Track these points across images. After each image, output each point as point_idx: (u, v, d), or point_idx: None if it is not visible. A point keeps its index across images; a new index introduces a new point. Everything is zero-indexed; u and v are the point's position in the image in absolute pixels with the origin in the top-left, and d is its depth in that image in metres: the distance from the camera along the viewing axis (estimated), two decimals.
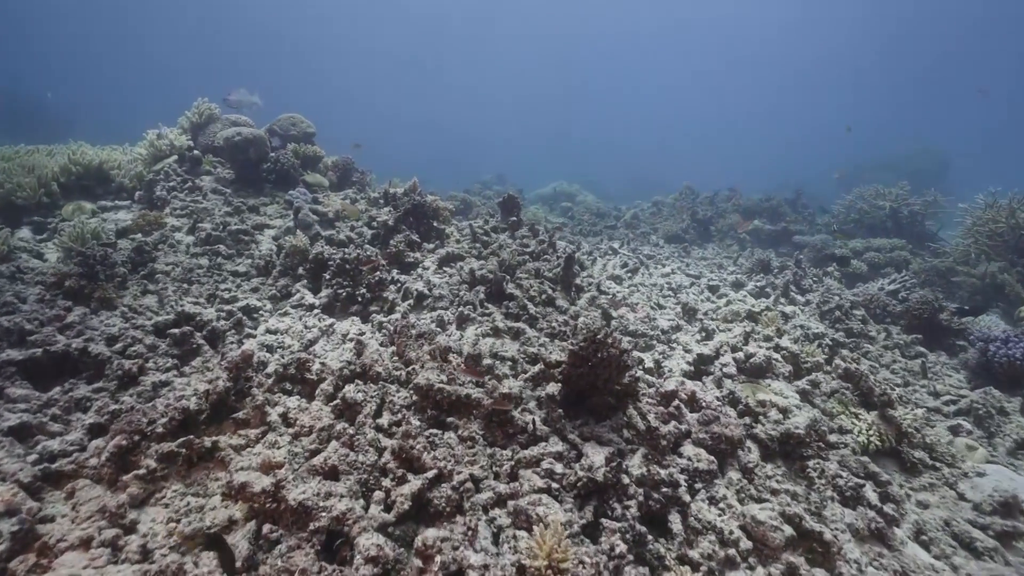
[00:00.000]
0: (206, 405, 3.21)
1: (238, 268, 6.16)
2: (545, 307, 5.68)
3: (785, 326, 6.01)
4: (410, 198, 7.50)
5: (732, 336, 5.54)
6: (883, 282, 9.54)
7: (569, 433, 3.21)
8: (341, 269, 5.45)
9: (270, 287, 5.64)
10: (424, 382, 3.37)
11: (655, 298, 6.90)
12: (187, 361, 4.02)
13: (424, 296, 5.72)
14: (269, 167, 9.06)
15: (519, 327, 5.07)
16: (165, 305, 4.89)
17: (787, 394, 4.22)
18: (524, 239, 8.42)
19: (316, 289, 5.65)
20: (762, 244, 15.24)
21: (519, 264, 6.91)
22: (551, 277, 6.53)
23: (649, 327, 5.42)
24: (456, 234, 8.37)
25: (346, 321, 5.06)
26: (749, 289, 8.00)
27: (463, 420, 3.31)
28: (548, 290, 5.88)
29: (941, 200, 14.23)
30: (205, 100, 10.08)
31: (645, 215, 18.04)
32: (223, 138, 8.90)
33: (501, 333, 5.11)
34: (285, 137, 10.50)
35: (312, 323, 4.88)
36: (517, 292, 5.62)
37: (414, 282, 6.03)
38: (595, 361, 3.19)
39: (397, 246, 6.62)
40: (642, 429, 3.30)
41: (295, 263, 5.88)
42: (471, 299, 5.51)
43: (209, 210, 7.86)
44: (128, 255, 5.98)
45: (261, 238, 7.32)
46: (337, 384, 3.51)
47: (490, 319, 5.25)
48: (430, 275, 6.36)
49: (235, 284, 5.70)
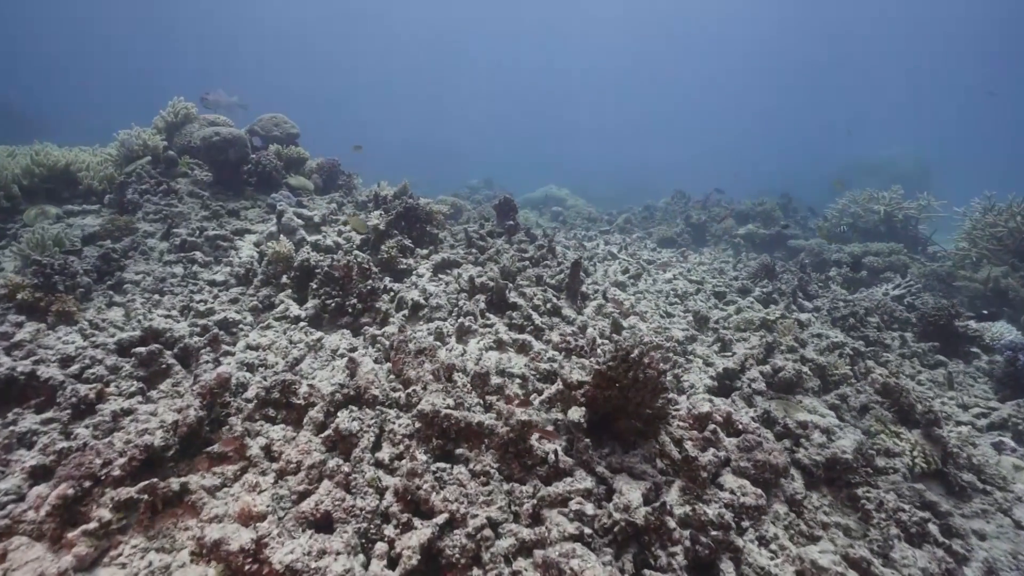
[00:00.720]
0: (174, 439, 2.74)
1: (216, 277, 5.66)
2: (551, 317, 5.29)
3: (803, 334, 5.70)
4: (402, 201, 7.07)
5: (750, 347, 5.21)
6: (887, 287, 9.34)
7: (597, 465, 2.81)
8: (329, 277, 4.99)
9: (251, 298, 5.16)
10: (428, 408, 2.94)
11: (662, 306, 6.55)
12: (155, 384, 3.53)
13: (420, 306, 5.29)
14: (250, 169, 8.55)
15: (525, 339, 4.67)
16: (132, 319, 4.37)
17: (822, 412, 3.88)
18: (522, 244, 8.03)
19: (302, 299, 5.18)
20: (756, 248, 15.08)
21: (519, 271, 6.51)
22: (555, 284, 6.15)
23: (663, 338, 5.05)
24: (450, 239, 7.95)
25: (336, 335, 4.60)
26: (756, 295, 7.71)
27: (474, 451, 2.89)
28: (553, 298, 5.49)
29: (935, 204, 14.21)
30: (181, 99, 9.54)
31: (637, 219, 17.84)
32: (200, 138, 8.37)
33: (506, 346, 4.70)
34: (267, 138, 9.99)
35: (298, 337, 4.41)
36: (520, 301, 5.22)
37: (408, 291, 5.59)
38: (626, 383, 2.80)
39: (389, 252, 6.18)
40: (677, 458, 2.92)
41: (278, 271, 5.41)
42: (471, 309, 5.09)
43: (185, 214, 7.33)
44: (93, 263, 5.45)
45: (241, 244, 6.82)
46: (328, 410, 3.06)
47: (493, 331, 4.84)
48: (425, 283, 5.93)
49: (212, 295, 5.19)
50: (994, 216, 10.35)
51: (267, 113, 10.49)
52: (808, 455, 3.24)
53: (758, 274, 8.82)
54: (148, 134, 8.55)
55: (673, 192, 19.86)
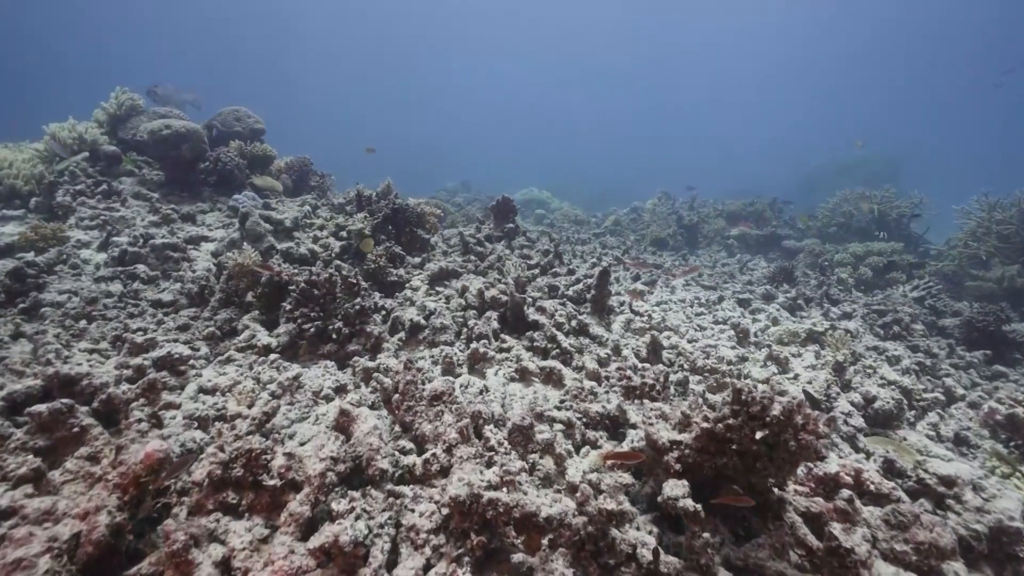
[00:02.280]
0: (71, 569, 1.74)
1: (162, 296, 4.58)
2: (578, 337, 4.41)
3: (856, 347, 4.99)
4: (389, 202, 6.10)
5: (810, 364, 4.45)
6: (904, 288, 8.84)
7: (717, 569, 1.94)
8: (307, 295, 4.00)
9: (206, 323, 4.11)
10: (464, 493, 2.02)
11: (692, 317, 5.77)
12: (61, 456, 2.49)
13: (419, 327, 4.34)
14: (208, 167, 7.42)
15: (553, 368, 3.79)
16: (40, 359, 3.29)
17: (938, 452, 3.12)
18: (524, 249, 7.16)
19: (272, 323, 4.17)
20: (750, 250, 14.63)
21: (528, 280, 5.63)
22: (573, 296, 5.28)
23: (714, 358, 4.24)
24: (442, 244, 7.01)
25: (317, 368, 3.62)
26: (780, 302, 7.02)
27: (534, 550, 1.98)
28: (576, 313, 4.62)
29: (927, 202, 14.01)
30: (125, 90, 8.32)
31: (625, 221, 17.24)
32: (148, 131, 7.20)
33: (531, 376, 3.80)
34: (228, 134, 8.84)
35: (268, 375, 3.41)
36: (541, 319, 4.33)
37: (404, 308, 4.63)
38: (753, 448, 1.95)
39: (377, 261, 5.21)
40: (817, 547, 2.08)
41: (242, 287, 4.37)
42: (484, 330, 4.17)
43: (128, 220, 6.18)
44: (1, 282, 4.31)
45: (197, 254, 5.72)
46: (316, 499, 2.11)
47: (512, 357, 3.94)
48: (422, 297, 4.98)
49: (155, 320, 4.12)
50: (1002, 213, 10.03)
51: (228, 106, 9.33)
52: (963, 522, 2.46)
53: (776, 278, 8.17)
54: (85, 127, 7.33)
55: (659, 193, 19.37)
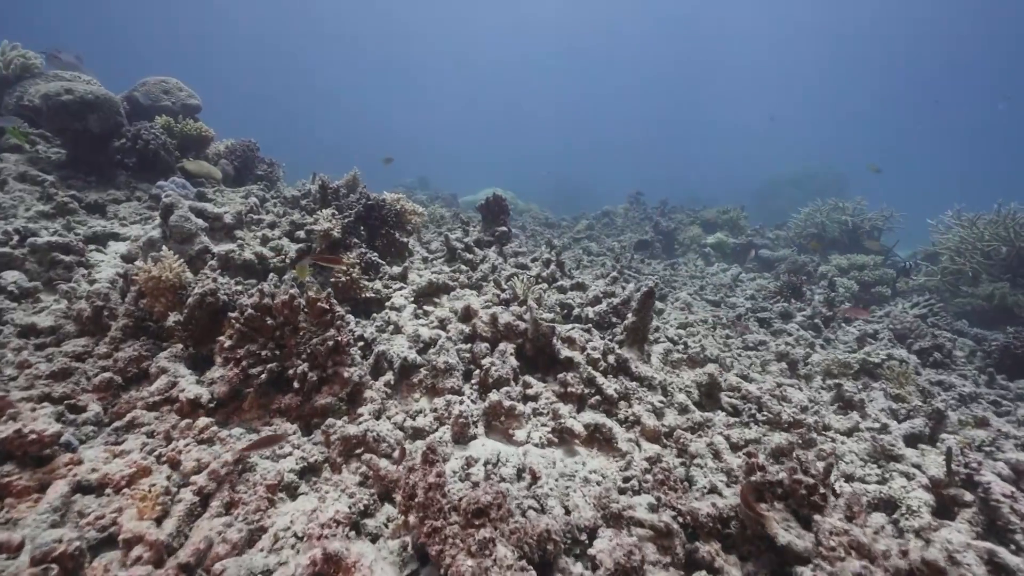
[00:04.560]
0: None
1: (38, 320, 3.21)
2: (617, 377, 3.43)
3: (919, 379, 4.31)
4: (361, 196, 4.90)
5: (879, 406, 3.69)
6: (904, 304, 8.49)
7: None
8: (257, 325, 2.79)
9: (101, 363, 2.81)
10: None
11: (720, 342, 4.94)
12: None
13: (413, 366, 3.22)
14: (125, 146, 5.91)
15: (599, 425, 2.79)
16: None
17: None
18: (518, 256, 6.13)
19: (204, 360, 2.93)
20: (727, 259, 14.31)
21: (537, 298, 4.61)
22: (594, 319, 4.30)
23: (786, 407, 3.37)
24: (421, 249, 5.88)
25: (268, 440, 2.44)
26: (799, 321, 6.37)
27: None
28: (614, 346, 3.63)
29: (897, 215, 14.11)
30: (16, 46, 6.63)
31: (598, 226, 16.62)
32: (42, 96, 5.62)
33: (573, 440, 2.78)
34: (154, 108, 7.28)
35: (194, 456, 2.21)
36: (575, 354, 3.32)
37: (390, 340, 3.49)
38: None
39: (349, 273, 4.02)
40: None
41: (159, 309, 3.09)
42: (502, 372, 3.10)
43: (5, 208, 4.66)
44: None
45: (100, 258, 4.31)
46: None
47: (545, 409, 2.91)
48: (409, 320, 3.84)
49: (16, 362, 2.78)
50: (993, 228, 9.97)
51: (153, 76, 7.74)
52: None
53: (782, 293, 7.55)
54: None
55: (629, 197, 18.91)
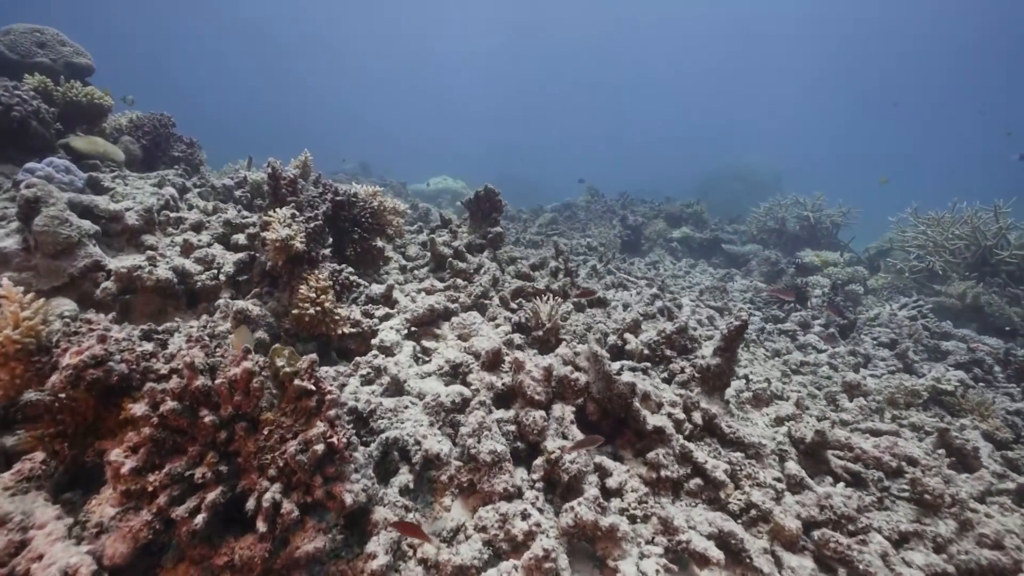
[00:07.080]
0: None
1: None
2: (708, 442, 2.49)
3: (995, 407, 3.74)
4: (326, 190, 3.62)
5: (986, 451, 3.03)
6: (893, 307, 8.25)
7: None
8: (182, 425, 1.57)
9: None
10: None
11: (789, 374, 4.15)
12: None
13: (438, 460, 2.10)
14: None
15: (727, 534, 1.85)
16: None
17: None
18: (516, 263, 5.06)
19: (85, 478, 1.67)
20: (693, 254, 14.00)
21: (559, 325, 3.57)
22: (646, 354, 3.34)
23: (930, 477, 2.59)
24: (394, 254, 4.70)
25: None
26: (816, 331, 5.79)
27: None
28: (695, 400, 2.68)
29: (855, 212, 14.29)
30: None
31: (561, 219, 15.81)
32: None
33: (704, 567, 1.82)
34: (23, 65, 5.49)
35: None
36: (662, 421, 2.34)
37: (397, 415, 2.33)
38: None
39: (319, 301, 2.79)
40: None
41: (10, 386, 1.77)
42: (578, 461, 2.07)
43: None
44: None
45: None
46: None
47: (643, 513, 1.93)
48: (410, 367, 2.69)
49: None
50: (959, 230, 10.05)
51: (22, 23, 5.88)
52: None
53: (785, 296, 6.99)
54: None
55: (587, 189, 18.23)
